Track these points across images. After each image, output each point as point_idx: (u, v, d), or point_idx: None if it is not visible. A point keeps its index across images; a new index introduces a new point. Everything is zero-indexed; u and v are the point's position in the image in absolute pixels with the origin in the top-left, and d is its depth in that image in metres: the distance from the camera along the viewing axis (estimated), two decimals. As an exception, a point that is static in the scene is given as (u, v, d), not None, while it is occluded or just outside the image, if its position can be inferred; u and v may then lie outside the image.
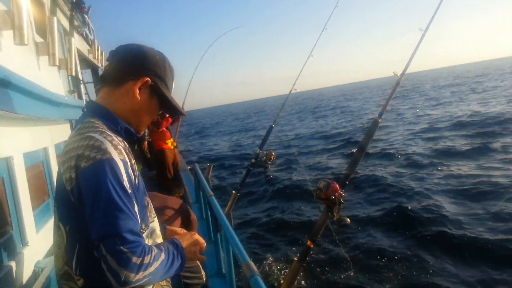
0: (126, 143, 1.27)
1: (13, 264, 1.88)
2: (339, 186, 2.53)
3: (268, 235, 8.10)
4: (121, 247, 1.02)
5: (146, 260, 1.06)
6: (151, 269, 1.08)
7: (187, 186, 6.26)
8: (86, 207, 1.07)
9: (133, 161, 1.22)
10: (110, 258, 1.02)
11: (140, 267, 1.04)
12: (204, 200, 4.63)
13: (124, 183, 1.09)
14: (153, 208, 1.38)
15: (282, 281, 2.65)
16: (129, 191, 1.10)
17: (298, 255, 2.67)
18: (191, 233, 1.42)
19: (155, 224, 1.36)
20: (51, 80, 3.25)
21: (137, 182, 1.21)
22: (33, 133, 2.56)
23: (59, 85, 3.69)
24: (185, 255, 1.28)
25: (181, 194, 5.21)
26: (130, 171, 1.15)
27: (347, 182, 2.63)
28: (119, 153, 1.12)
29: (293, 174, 12.86)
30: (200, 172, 5.58)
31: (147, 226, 1.28)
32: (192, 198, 5.88)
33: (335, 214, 2.47)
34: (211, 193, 4.53)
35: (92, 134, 1.14)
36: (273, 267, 6.26)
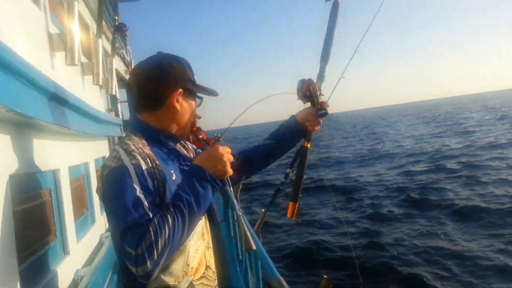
0: (147, 149, 1.28)
1: (55, 271, 1.98)
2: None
3: (296, 256, 8.00)
4: (124, 245, 1.08)
5: (146, 244, 1.05)
6: (160, 244, 1.06)
7: (215, 205, 6.28)
8: (106, 208, 1.22)
9: (154, 163, 1.24)
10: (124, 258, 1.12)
11: (144, 256, 1.04)
12: (233, 219, 4.64)
13: (134, 184, 1.15)
14: None
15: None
16: (137, 189, 1.14)
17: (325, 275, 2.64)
18: (207, 151, 1.33)
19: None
20: (94, 98, 3.44)
21: (159, 179, 1.23)
22: (78, 148, 2.70)
23: (100, 103, 3.88)
24: (209, 175, 1.26)
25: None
26: (146, 173, 1.18)
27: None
28: (131, 159, 1.19)
29: (324, 199, 12.72)
30: (229, 189, 5.62)
31: None
32: (220, 216, 5.89)
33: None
34: (241, 211, 4.55)
35: (116, 147, 1.27)
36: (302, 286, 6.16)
